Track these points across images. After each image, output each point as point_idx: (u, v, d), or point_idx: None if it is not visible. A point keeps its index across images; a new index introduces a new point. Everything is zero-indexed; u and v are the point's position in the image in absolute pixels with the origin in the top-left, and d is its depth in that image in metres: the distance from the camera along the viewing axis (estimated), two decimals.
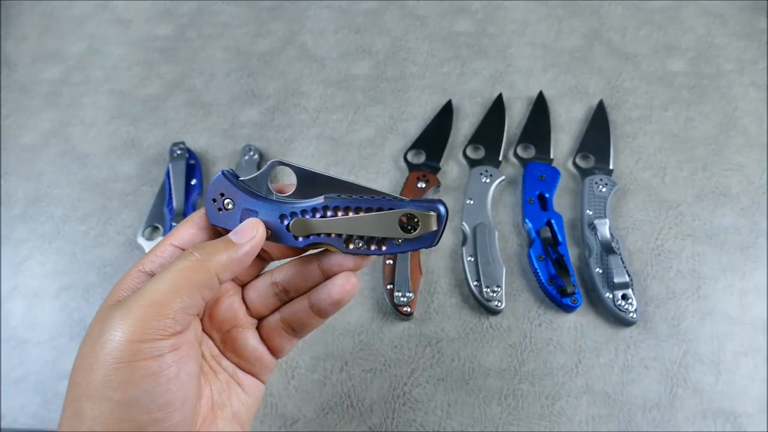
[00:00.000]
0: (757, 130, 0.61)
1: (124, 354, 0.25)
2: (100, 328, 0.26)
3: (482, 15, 0.74)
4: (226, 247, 0.28)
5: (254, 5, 0.78)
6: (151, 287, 0.26)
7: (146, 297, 0.26)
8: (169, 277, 0.27)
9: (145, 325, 0.25)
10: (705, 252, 0.54)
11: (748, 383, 0.47)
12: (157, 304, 0.26)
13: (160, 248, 0.30)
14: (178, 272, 0.27)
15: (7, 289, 0.58)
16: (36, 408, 0.52)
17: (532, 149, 0.61)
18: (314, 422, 0.48)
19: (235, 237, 0.28)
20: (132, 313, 0.25)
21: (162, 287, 0.26)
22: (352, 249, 0.29)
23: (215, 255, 0.27)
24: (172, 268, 0.27)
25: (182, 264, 0.27)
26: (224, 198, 0.30)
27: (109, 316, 0.26)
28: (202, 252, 0.27)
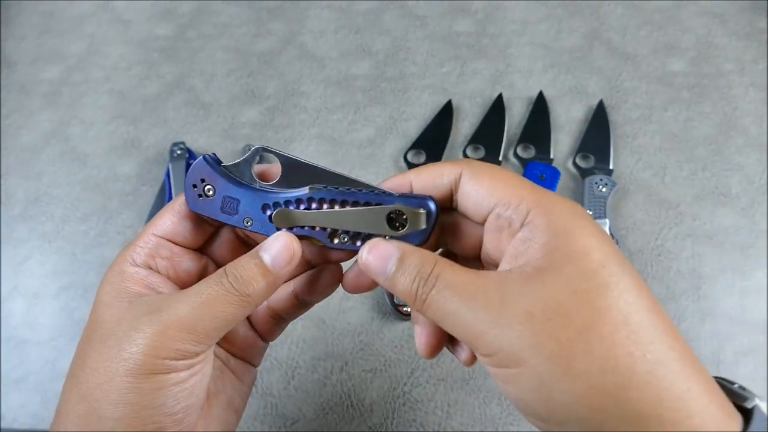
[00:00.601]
0: (757, 130, 0.61)
1: (156, 367, 0.25)
2: (126, 334, 0.25)
3: (482, 15, 0.74)
4: (262, 274, 0.27)
5: (254, 5, 0.78)
6: (186, 308, 0.26)
7: (183, 319, 0.25)
8: (206, 302, 0.26)
9: (180, 347, 0.25)
10: (705, 252, 0.54)
11: (748, 383, 0.47)
12: (193, 328, 0.25)
13: (143, 239, 0.29)
14: (216, 300, 0.26)
15: (7, 289, 0.58)
16: (36, 408, 0.52)
17: (532, 149, 0.61)
18: (314, 422, 0.48)
19: (272, 262, 0.27)
20: (168, 332, 0.25)
21: (199, 312, 0.26)
22: (336, 243, 0.28)
23: (253, 285, 0.27)
24: (208, 292, 0.26)
25: (219, 291, 0.26)
26: (205, 184, 0.29)
27: (138, 325, 0.25)
28: (238, 283, 0.26)
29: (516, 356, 0.22)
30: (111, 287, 0.28)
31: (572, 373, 0.21)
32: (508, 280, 0.23)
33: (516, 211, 0.25)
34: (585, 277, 0.22)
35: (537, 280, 0.23)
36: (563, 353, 0.21)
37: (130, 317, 0.26)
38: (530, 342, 0.22)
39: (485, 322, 0.23)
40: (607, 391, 0.21)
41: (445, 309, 0.24)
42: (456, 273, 0.24)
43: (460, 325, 0.24)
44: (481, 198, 0.26)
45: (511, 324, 0.22)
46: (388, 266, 0.25)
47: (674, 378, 0.21)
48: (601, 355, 0.21)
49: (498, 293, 0.23)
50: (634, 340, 0.21)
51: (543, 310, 0.22)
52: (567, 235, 0.23)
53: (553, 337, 0.21)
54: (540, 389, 0.22)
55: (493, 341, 0.22)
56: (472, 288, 0.24)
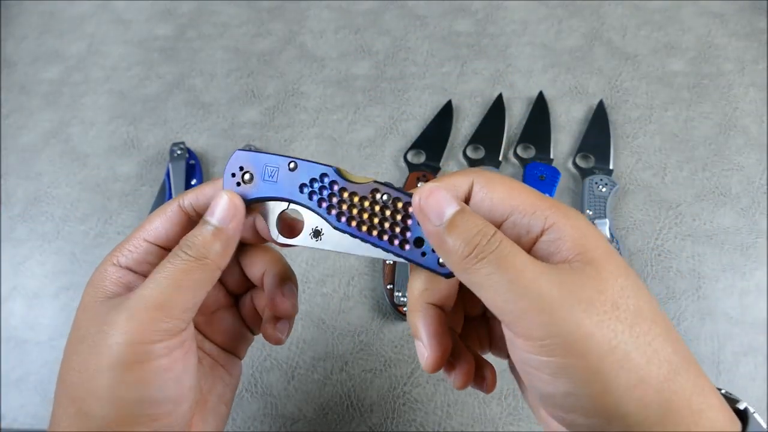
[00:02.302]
0: (757, 130, 0.61)
1: (136, 355, 0.25)
2: (99, 330, 0.25)
3: (482, 15, 0.74)
4: (214, 235, 0.27)
5: (254, 5, 0.78)
6: (151, 288, 0.26)
7: (150, 298, 0.25)
8: (169, 276, 0.26)
9: (154, 327, 0.25)
10: (705, 252, 0.54)
11: (748, 383, 0.47)
12: (162, 305, 0.25)
13: (133, 243, 0.29)
14: (178, 272, 0.26)
15: (7, 289, 0.58)
16: (36, 408, 0.52)
17: (532, 149, 0.61)
18: (314, 422, 0.48)
19: (218, 221, 0.28)
20: (138, 316, 0.25)
21: (164, 288, 0.26)
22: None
23: (208, 248, 0.27)
24: (169, 268, 0.26)
25: (179, 263, 0.26)
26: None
27: (110, 319, 0.25)
28: (193, 249, 0.27)
29: (575, 345, 0.22)
30: (92, 288, 0.28)
31: (629, 366, 0.21)
32: (560, 269, 0.23)
33: (533, 217, 0.25)
34: (623, 274, 0.23)
35: (587, 274, 0.23)
36: (621, 345, 0.22)
37: (102, 313, 0.26)
38: (591, 332, 0.22)
39: (545, 303, 0.22)
40: (652, 384, 0.21)
41: (499, 278, 0.23)
42: (514, 246, 0.24)
43: (510, 300, 0.23)
44: (496, 206, 0.26)
45: (573, 311, 0.22)
46: (446, 213, 0.24)
47: (697, 375, 0.23)
48: (647, 348, 0.22)
49: (556, 278, 0.23)
50: (667, 335, 0.23)
51: (601, 302, 0.22)
52: (593, 236, 0.24)
53: (611, 329, 0.22)
54: (596, 382, 0.21)
55: (551, 325, 0.22)
56: (532, 266, 0.23)
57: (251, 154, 0.29)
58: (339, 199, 0.28)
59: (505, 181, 0.27)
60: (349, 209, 0.28)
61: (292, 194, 0.29)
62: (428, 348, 0.28)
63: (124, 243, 0.29)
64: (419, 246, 0.27)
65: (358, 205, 0.28)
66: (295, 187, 0.28)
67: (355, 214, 0.28)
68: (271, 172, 0.29)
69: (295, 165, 0.28)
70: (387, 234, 0.27)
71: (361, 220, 0.28)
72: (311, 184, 0.28)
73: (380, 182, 0.28)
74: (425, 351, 0.28)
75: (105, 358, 0.25)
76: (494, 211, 0.26)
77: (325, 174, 0.28)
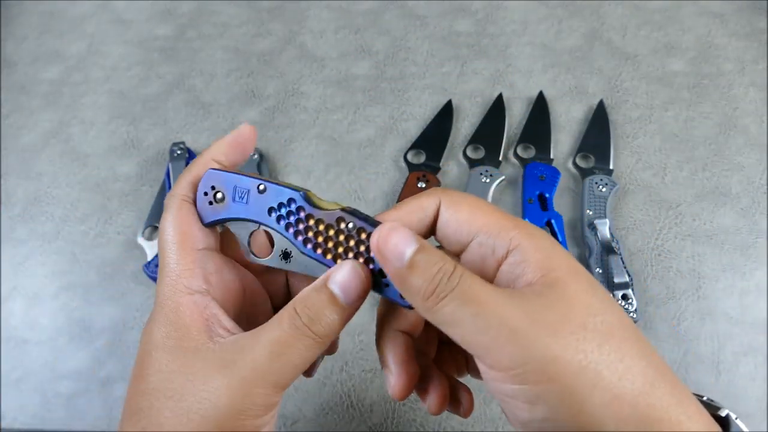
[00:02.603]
0: (757, 130, 0.61)
1: (229, 419, 0.24)
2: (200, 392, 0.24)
3: (482, 15, 0.74)
4: (335, 311, 0.26)
5: (254, 5, 0.78)
6: (263, 356, 0.25)
7: (261, 371, 0.24)
8: (282, 349, 0.25)
9: (261, 401, 0.24)
10: (705, 252, 0.54)
11: (748, 383, 0.47)
12: (272, 381, 0.25)
13: (189, 257, 0.27)
14: (292, 345, 0.25)
15: (7, 289, 0.58)
16: (36, 408, 0.51)
17: (532, 149, 0.61)
18: (314, 422, 0.48)
19: (343, 296, 0.26)
20: (246, 389, 0.24)
21: (274, 359, 0.25)
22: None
23: (328, 324, 0.25)
24: (283, 337, 0.25)
25: (293, 334, 0.25)
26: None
27: (213, 383, 0.24)
28: (311, 321, 0.25)
29: (545, 370, 0.22)
30: (170, 328, 0.26)
31: (601, 384, 0.21)
32: (523, 294, 0.23)
33: (498, 238, 0.25)
34: (589, 292, 0.23)
35: (552, 297, 0.23)
36: (591, 365, 0.22)
37: (204, 374, 0.25)
38: (559, 356, 0.22)
39: (510, 332, 0.22)
40: (627, 399, 0.22)
41: (462, 314, 0.23)
42: (474, 279, 0.23)
43: (476, 334, 0.23)
44: (461, 226, 0.26)
45: (539, 337, 0.22)
46: (406, 252, 0.24)
47: (673, 385, 0.22)
48: (619, 365, 0.22)
49: (519, 305, 0.23)
50: (639, 350, 0.23)
51: (565, 323, 0.22)
52: (558, 256, 0.24)
53: (580, 350, 0.22)
54: (572, 404, 0.22)
55: (519, 353, 0.22)
56: (492, 296, 0.23)
57: (223, 174, 0.29)
58: (305, 226, 0.28)
59: (470, 200, 0.27)
60: (315, 236, 0.28)
61: (261, 217, 0.28)
62: (395, 375, 0.28)
63: (175, 264, 0.27)
64: (383, 277, 0.27)
65: (323, 233, 0.27)
66: (264, 210, 0.28)
67: (321, 242, 0.27)
68: (241, 194, 0.29)
69: (265, 188, 0.28)
70: None
71: (326, 247, 0.27)
72: (279, 208, 0.28)
73: (347, 209, 0.27)
74: (392, 378, 0.28)
75: (205, 427, 0.24)
76: (460, 231, 0.26)
77: (293, 199, 0.28)
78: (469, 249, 0.26)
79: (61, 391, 0.52)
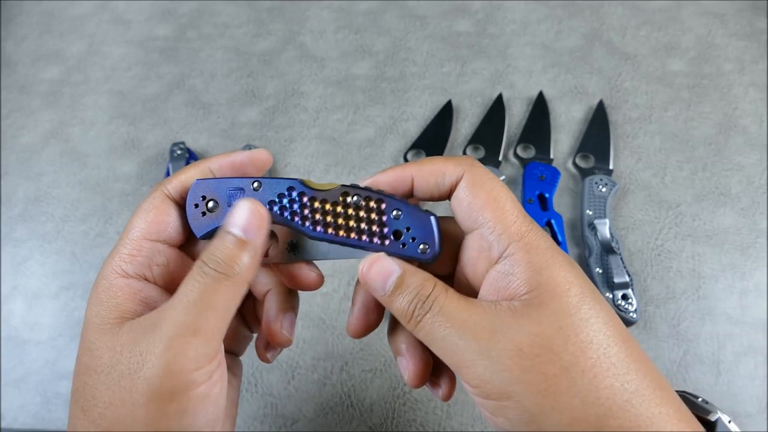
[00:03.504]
0: (757, 130, 0.61)
1: (176, 386, 0.24)
2: (131, 360, 0.24)
3: (482, 15, 0.74)
4: (240, 248, 0.26)
5: (254, 5, 0.78)
6: (183, 310, 0.25)
7: (185, 324, 0.24)
8: (199, 296, 0.25)
9: (193, 355, 0.24)
10: (705, 252, 0.54)
11: (748, 383, 0.47)
12: (198, 330, 0.24)
13: (134, 246, 0.27)
14: (208, 291, 0.25)
15: (7, 289, 0.58)
16: (36, 408, 0.51)
17: (532, 149, 0.61)
18: (314, 422, 0.48)
19: (243, 233, 0.26)
20: (175, 344, 0.24)
21: (198, 310, 0.25)
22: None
23: (236, 262, 0.26)
24: (197, 287, 0.25)
25: (206, 281, 0.25)
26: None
27: (143, 348, 0.24)
28: (218, 264, 0.25)
29: (505, 389, 0.23)
30: (101, 307, 0.26)
31: (559, 407, 0.22)
32: (498, 312, 0.24)
33: (498, 238, 0.25)
34: (568, 313, 0.23)
35: (525, 315, 0.24)
36: (551, 389, 0.22)
37: (129, 340, 0.24)
38: (519, 377, 0.22)
39: (475, 352, 0.23)
40: (590, 422, 0.22)
41: (436, 334, 0.24)
42: (451, 300, 0.25)
43: (449, 352, 0.24)
44: (471, 211, 0.26)
45: (501, 358, 0.23)
46: (388, 283, 0.26)
47: (648, 404, 0.22)
48: (584, 389, 0.22)
49: (489, 325, 0.24)
50: (614, 373, 0.23)
51: (531, 345, 0.23)
52: (548, 271, 0.24)
53: (541, 372, 0.22)
54: (530, 423, 0.22)
55: (482, 372, 0.23)
56: (465, 316, 0.24)
57: (212, 181, 0.29)
58: (311, 209, 0.28)
59: (490, 188, 0.27)
60: (323, 216, 0.28)
61: None
62: (410, 362, 0.28)
63: (122, 248, 0.27)
64: (398, 238, 0.27)
65: (330, 211, 0.28)
66: (264, 206, 0.28)
67: (330, 221, 0.28)
68: (235, 196, 0.28)
69: (259, 184, 0.28)
70: (365, 233, 0.28)
71: (337, 224, 0.28)
72: (279, 199, 0.28)
73: (347, 185, 0.28)
74: (407, 364, 0.28)
75: (142, 392, 0.23)
76: (469, 216, 0.26)
77: (292, 187, 0.28)
78: (472, 235, 0.27)
79: (61, 391, 0.52)
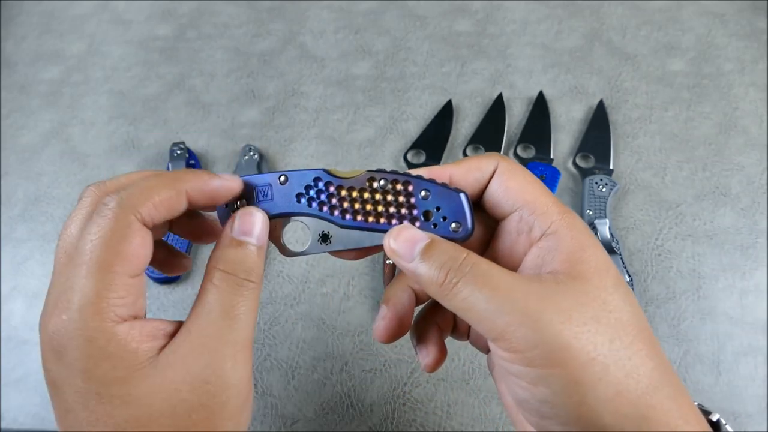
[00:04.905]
0: (757, 130, 0.61)
1: (247, 397, 0.26)
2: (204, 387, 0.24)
3: (482, 15, 0.74)
4: (259, 256, 0.27)
5: (254, 5, 0.78)
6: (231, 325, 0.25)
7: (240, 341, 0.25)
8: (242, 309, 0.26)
9: (250, 365, 0.26)
10: (705, 252, 0.54)
11: (748, 383, 0.47)
12: (246, 345, 0.26)
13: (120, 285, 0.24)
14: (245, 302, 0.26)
15: (7, 289, 0.58)
16: (36, 408, 0.51)
17: (532, 149, 0.61)
18: (314, 422, 0.48)
19: (258, 241, 0.27)
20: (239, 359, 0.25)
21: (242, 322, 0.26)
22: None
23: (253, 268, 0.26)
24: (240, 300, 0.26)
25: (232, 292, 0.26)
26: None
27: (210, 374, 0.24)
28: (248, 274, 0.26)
29: (555, 356, 0.22)
30: (110, 362, 0.23)
31: (607, 379, 0.22)
32: (543, 281, 0.24)
33: (540, 218, 0.25)
34: (610, 290, 0.24)
35: (570, 286, 0.23)
36: (599, 358, 0.22)
37: (186, 373, 0.24)
38: (570, 343, 0.22)
39: (524, 315, 0.22)
40: (629, 398, 0.22)
41: (475, 298, 0.23)
42: (490, 264, 0.24)
43: (491, 316, 0.23)
44: (509, 194, 0.26)
45: (552, 322, 0.22)
46: (416, 249, 0.25)
47: (676, 390, 0.23)
48: (627, 363, 0.22)
49: (537, 290, 0.23)
50: (649, 351, 0.23)
51: (581, 314, 0.22)
52: (591, 249, 0.24)
53: (590, 341, 0.22)
54: (574, 393, 0.22)
55: (531, 336, 0.22)
56: (509, 281, 0.23)
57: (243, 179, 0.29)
58: (339, 198, 0.28)
59: (525, 173, 0.27)
60: (351, 204, 0.28)
61: (290, 207, 0.28)
62: (387, 318, 0.28)
63: (105, 290, 0.23)
64: (428, 218, 0.27)
65: (358, 198, 0.28)
66: (292, 199, 0.28)
67: (359, 208, 0.28)
68: (264, 192, 0.29)
69: (286, 178, 0.28)
70: (395, 217, 0.27)
71: (366, 210, 0.28)
72: (307, 191, 0.28)
73: (372, 170, 0.28)
74: (385, 319, 0.28)
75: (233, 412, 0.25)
76: (505, 200, 0.27)
77: (318, 178, 0.28)
78: (510, 219, 0.27)
79: None
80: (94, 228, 0.24)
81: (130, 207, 0.24)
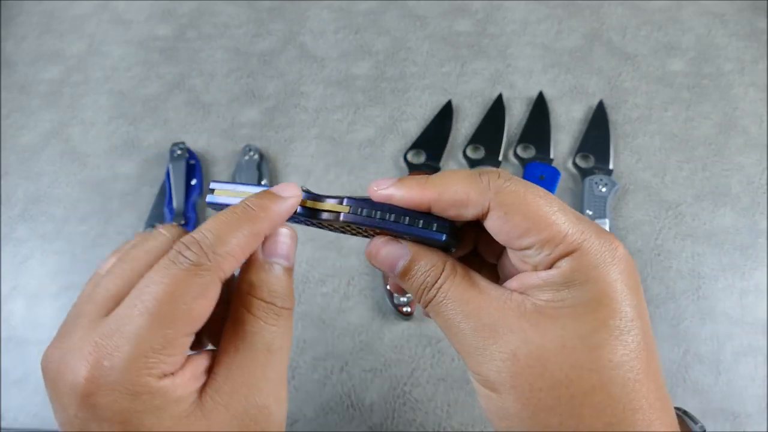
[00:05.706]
0: (757, 130, 0.61)
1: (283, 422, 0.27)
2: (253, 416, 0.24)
3: (482, 15, 0.74)
4: (289, 277, 0.26)
5: (254, 5, 0.78)
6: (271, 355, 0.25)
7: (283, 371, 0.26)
8: (284, 341, 0.25)
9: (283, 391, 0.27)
10: (705, 252, 0.54)
11: (748, 383, 0.47)
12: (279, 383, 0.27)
13: (173, 343, 0.22)
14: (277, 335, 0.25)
15: (7, 289, 0.58)
16: (36, 408, 0.52)
17: (532, 149, 0.61)
18: (314, 422, 0.48)
19: (288, 261, 0.26)
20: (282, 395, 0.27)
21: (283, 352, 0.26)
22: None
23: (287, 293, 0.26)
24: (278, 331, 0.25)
25: (274, 324, 0.25)
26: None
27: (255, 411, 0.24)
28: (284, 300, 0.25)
29: (494, 385, 0.23)
30: (156, 414, 0.21)
31: (536, 420, 0.22)
32: (505, 309, 0.23)
33: (545, 259, 0.23)
34: (577, 335, 0.22)
35: (532, 322, 0.23)
36: (532, 401, 0.22)
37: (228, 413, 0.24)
38: (506, 379, 0.23)
39: (473, 345, 0.24)
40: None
41: (440, 319, 0.25)
42: (457, 288, 0.25)
43: (455, 337, 0.25)
44: (512, 240, 0.24)
45: (494, 359, 0.23)
46: (397, 267, 0.26)
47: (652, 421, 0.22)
48: (566, 414, 0.22)
49: (490, 322, 0.23)
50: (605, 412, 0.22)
51: (527, 354, 0.22)
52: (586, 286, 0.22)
53: (528, 382, 0.22)
54: (507, 418, 0.23)
55: (478, 364, 0.24)
56: (470, 308, 0.24)
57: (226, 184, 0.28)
58: (320, 226, 0.29)
59: (528, 208, 0.23)
60: (335, 228, 0.28)
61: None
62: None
63: (161, 345, 0.21)
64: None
65: (339, 229, 0.28)
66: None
67: (339, 228, 0.28)
68: None
69: None
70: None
71: (349, 231, 0.29)
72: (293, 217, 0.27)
73: (347, 216, 0.26)
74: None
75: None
76: (507, 243, 0.24)
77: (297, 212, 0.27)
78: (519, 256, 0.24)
79: None
80: (165, 273, 0.22)
81: (214, 266, 0.23)
